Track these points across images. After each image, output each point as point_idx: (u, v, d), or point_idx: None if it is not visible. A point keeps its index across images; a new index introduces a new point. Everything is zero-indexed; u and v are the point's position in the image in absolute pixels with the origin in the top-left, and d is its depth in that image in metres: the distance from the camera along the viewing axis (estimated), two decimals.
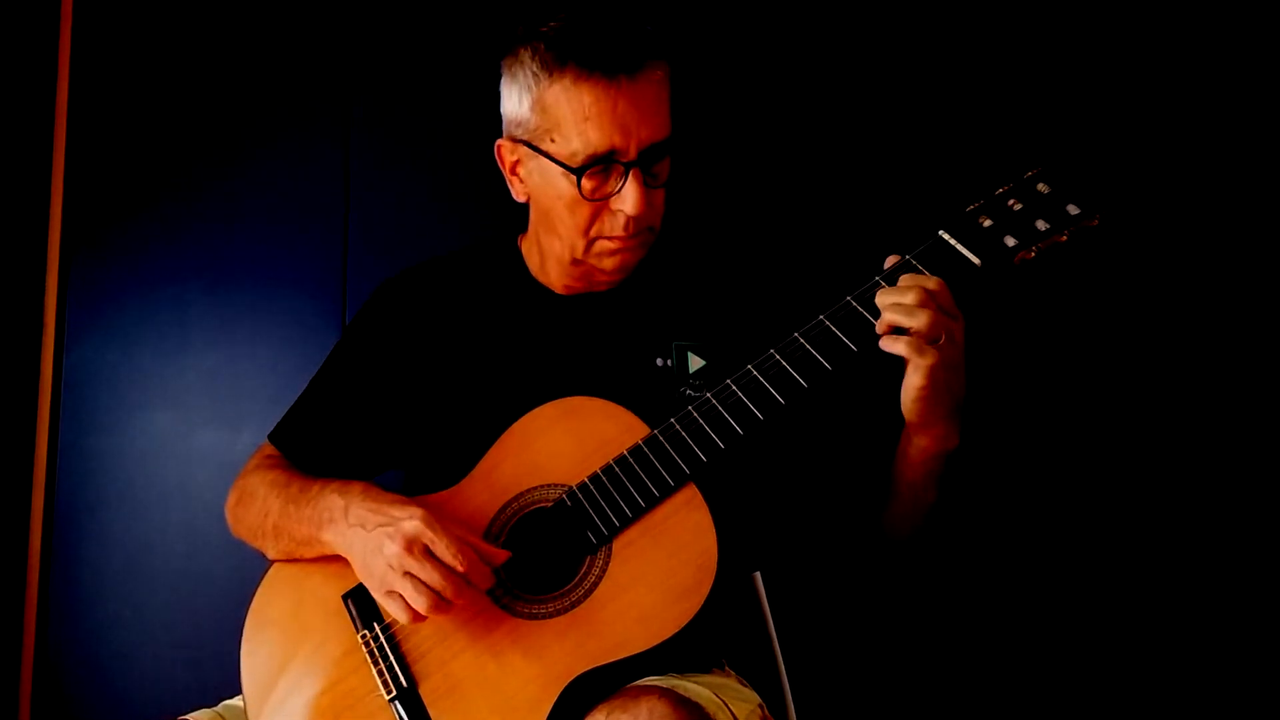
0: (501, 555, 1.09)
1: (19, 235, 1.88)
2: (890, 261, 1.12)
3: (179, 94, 1.88)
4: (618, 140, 1.14)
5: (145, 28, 1.90)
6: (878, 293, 1.07)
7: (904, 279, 1.07)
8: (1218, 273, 1.58)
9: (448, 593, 1.04)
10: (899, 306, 1.04)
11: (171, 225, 1.87)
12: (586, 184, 1.16)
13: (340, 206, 1.83)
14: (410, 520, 1.07)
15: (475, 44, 1.79)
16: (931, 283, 1.05)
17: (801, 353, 1.09)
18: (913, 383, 1.05)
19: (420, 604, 1.04)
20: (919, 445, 1.13)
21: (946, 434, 1.11)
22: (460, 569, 1.04)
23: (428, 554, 1.05)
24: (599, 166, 1.15)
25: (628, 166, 1.15)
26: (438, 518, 1.07)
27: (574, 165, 1.16)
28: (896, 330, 1.05)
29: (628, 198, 1.16)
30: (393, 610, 1.07)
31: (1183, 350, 1.58)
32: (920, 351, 1.03)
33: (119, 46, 1.90)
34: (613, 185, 1.17)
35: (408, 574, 1.05)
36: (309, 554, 1.18)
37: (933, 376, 1.04)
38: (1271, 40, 1.57)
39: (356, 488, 1.15)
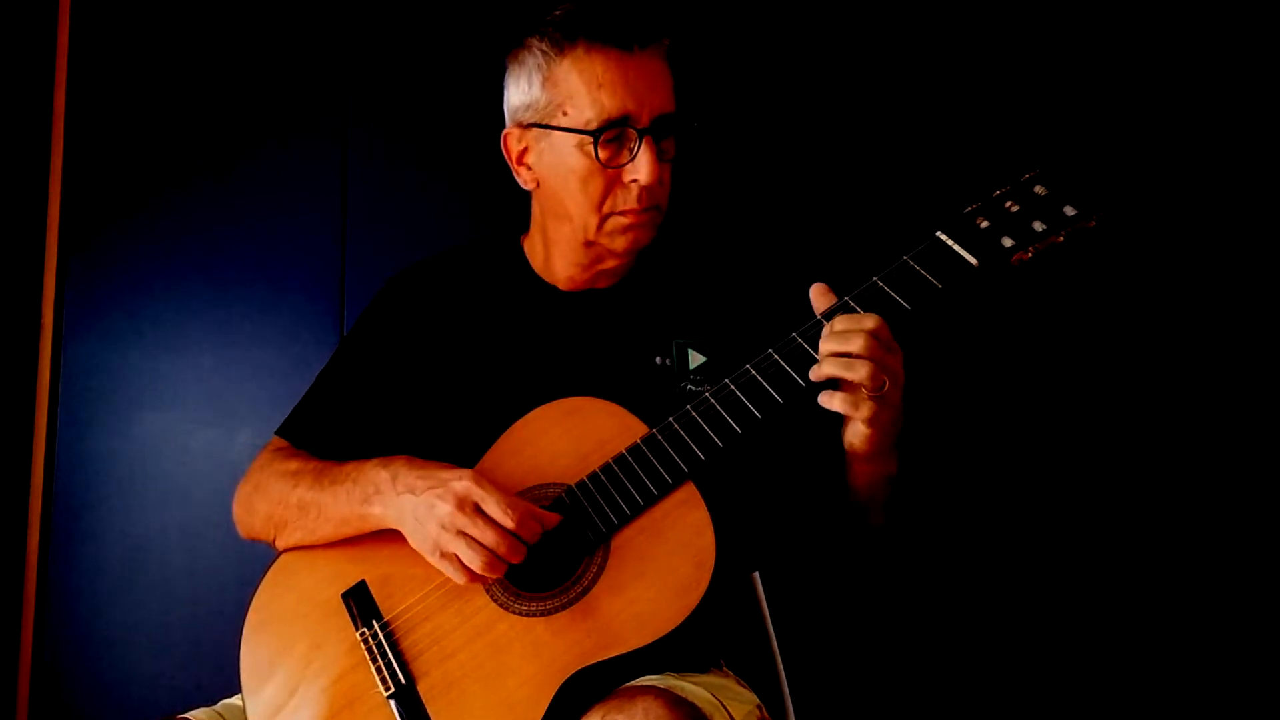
0: (553, 518, 1.09)
1: (17, 236, 1.88)
2: (820, 306, 1.09)
3: (176, 94, 1.89)
4: (631, 105, 1.16)
5: (142, 27, 1.90)
6: (821, 339, 1.06)
7: (839, 321, 1.05)
8: (1215, 274, 1.58)
9: (501, 549, 1.05)
10: (837, 360, 1.03)
11: (169, 226, 1.87)
12: (602, 152, 1.18)
13: (338, 207, 1.83)
14: (460, 480, 1.08)
15: (473, 44, 1.80)
16: (870, 322, 1.03)
17: (800, 352, 1.10)
18: (856, 430, 1.07)
19: (475, 562, 1.05)
20: (861, 471, 1.14)
21: (887, 464, 1.13)
22: (511, 525, 1.05)
23: (479, 512, 1.06)
24: (613, 132, 1.17)
25: (641, 134, 1.17)
26: (488, 478, 1.09)
27: (590, 130, 1.17)
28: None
29: (642, 165, 1.17)
30: (447, 572, 1.08)
31: (1180, 351, 1.59)
32: (856, 407, 1.03)
33: (117, 46, 1.91)
34: (626, 154, 1.19)
35: (461, 533, 1.06)
36: (340, 534, 1.18)
37: (874, 424, 1.05)
38: (1269, 41, 1.58)
39: (399, 458, 1.15)
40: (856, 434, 1.07)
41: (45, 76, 1.92)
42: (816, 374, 1.05)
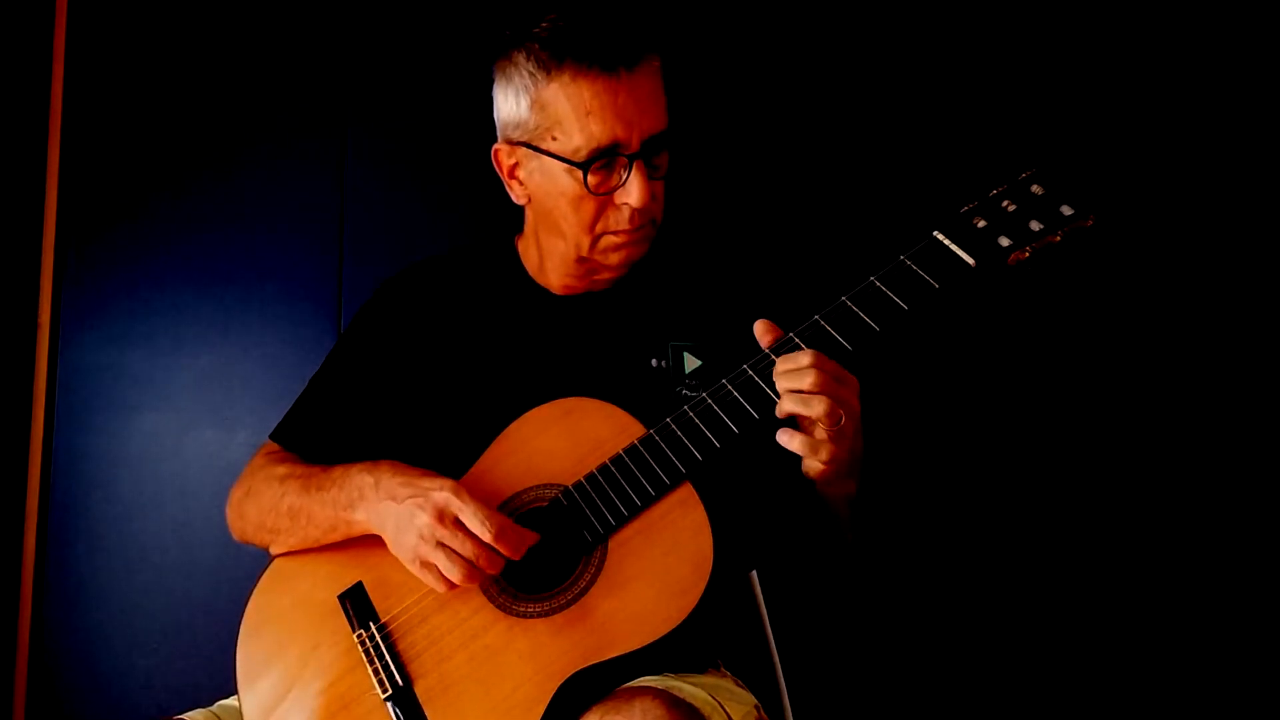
0: (532, 536, 1.09)
1: (14, 236, 1.88)
2: (766, 340, 1.11)
3: (174, 96, 1.89)
4: (620, 132, 1.15)
5: (140, 28, 1.90)
6: (774, 373, 1.07)
7: (781, 362, 1.06)
8: (1212, 272, 1.58)
9: (480, 561, 1.05)
10: (794, 396, 1.04)
11: (166, 227, 1.87)
12: (592, 179, 1.17)
13: (335, 207, 1.83)
14: (440, 491, 1.08)
15: (470, 49, 1.80)
16: (805, 359, 1.04)
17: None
18: (813, 467, 1.07)
19: (454, 574, 1.06)
20: (824, 494, 1.15)
21: (845, 486, 1.14)
22: (488, 538, 1.05)
23: (459, 524, 1.06)
24: (603, 160, 1.16)
25: (631, 159, 1.16)
26: (467, 488, 1.08)
27: (578, 160, 1.16)
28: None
29: (632, 190, 1.17)
30: (428, 581, 1.09)
31: (1177, 350, 1.59)
32: (815, 449, 1.04)
33: (114, 47, 1.90)
34: (617, 179, 1.18)
35: (440, 544, 1.06)
36: (329, 538, 1.18)
37: (832, 461, 1.05)
38: (1266, 40, 1.58)
39: (384, 464, 1.15)
40: (812, 468, 1.08)
41: (42, 76, 1.92)
42: (780, 411, 1.06)
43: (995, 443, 1.62)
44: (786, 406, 1.05)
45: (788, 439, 1.05)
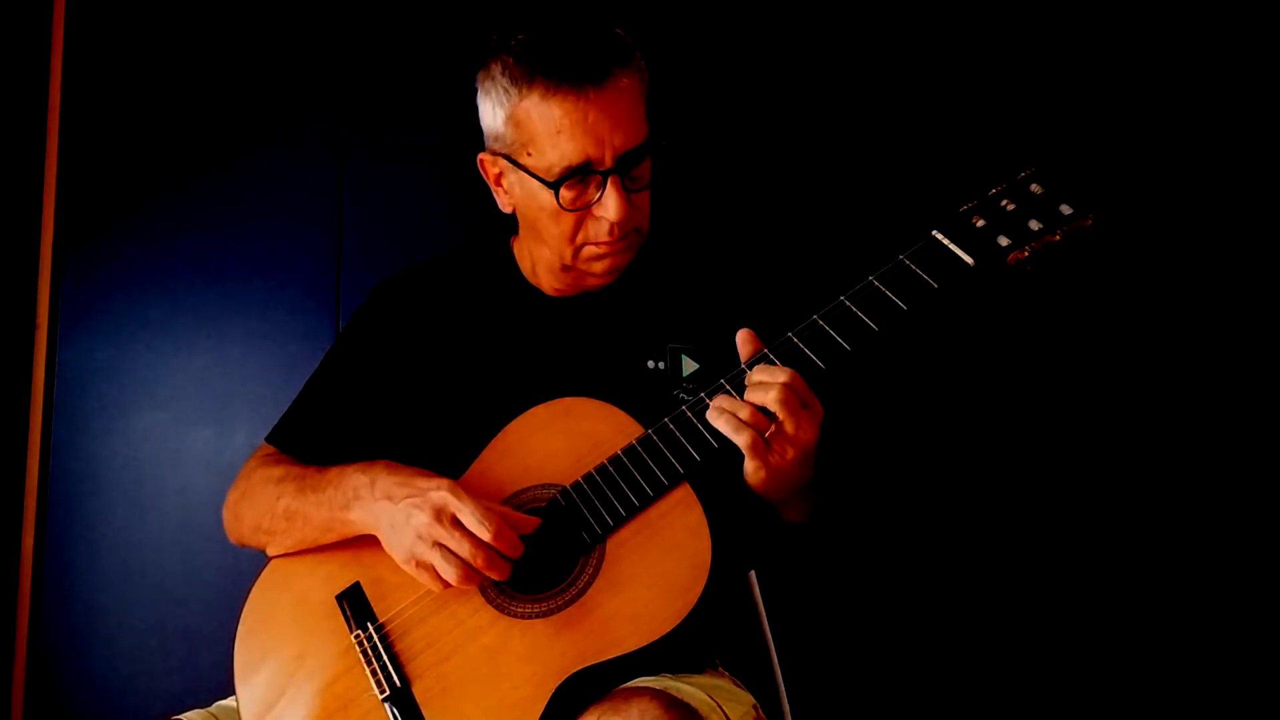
0: (531, 523, 1.09)
1: (12, 235, 1.88)
2: (746, 353, 1.11)
3: (173, 95, 1.88)
4: (592, 151, 1.14)
5: (139, 26, 1.90)
6: (748, 375, 1.08)
7: (757, 371, 1.07)
8: (1212, 272, 1.58)
9: (478, 561, 1.05)
10: (745, 412, 1.05)
11: (165, 226, 1.87)
12: (565, 195, 1.17)
13: (333, 207, 1.83)
14: (437, 490, 1.08)
15: (466, 50, 1.79)
16: (784, 375, 1.05)
17: (795, 352, 1.10)
18: (747, 467, 1.07)
19: (450, 574, 1.06)
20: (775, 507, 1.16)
21: (788, 511, 1.16)
22: (486, 537, 1.05)
23: (456, 523, 1.06)
24: (577, 177, 1.16)
25: (605, 175, 1.15)
26: (465, 488, 1.08)
27: (550, 179, 1.16)
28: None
29: (608, 205, 1.16)
30: (423, 581, 1.09)
31: (1177, 349, 1.59)
32: (753, 452, 1.04)
33: (112, 46, 1.90)
34: (592, 194, 1.17)
35: (437, 544, 1.06)
36: (325, 539, 1.18)
37: (766, 468, 1.06)
38: (1266, 40, 1.58)
39: (379, 464, 1.15)
40: (748, 473, 1.07)
41: (40, 75, 1.92)
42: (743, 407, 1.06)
43: (995, 443, 1.62)
44: (752, 396, 1.05)
45: (715, 414, 1.06)
